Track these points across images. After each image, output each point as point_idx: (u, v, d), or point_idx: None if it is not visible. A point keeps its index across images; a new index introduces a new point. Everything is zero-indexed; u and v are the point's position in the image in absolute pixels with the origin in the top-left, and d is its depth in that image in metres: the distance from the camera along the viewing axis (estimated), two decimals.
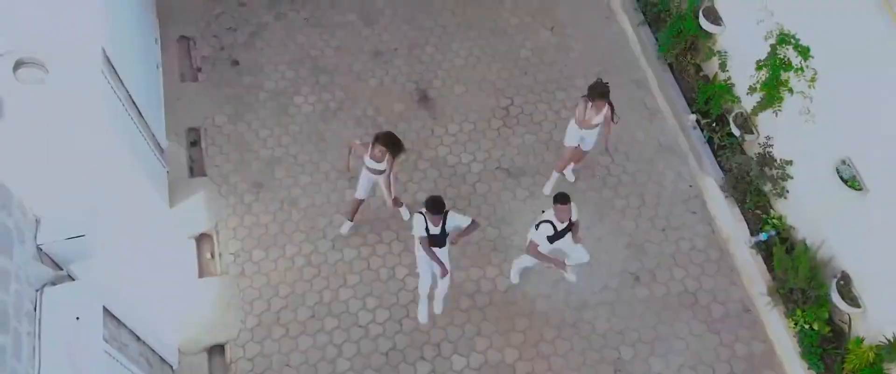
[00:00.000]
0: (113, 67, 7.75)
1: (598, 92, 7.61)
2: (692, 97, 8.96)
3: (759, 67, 7.87)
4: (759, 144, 8.17)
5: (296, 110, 9.32)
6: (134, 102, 8.23)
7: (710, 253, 8.45)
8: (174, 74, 9.52)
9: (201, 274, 8.29)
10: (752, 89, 8.05)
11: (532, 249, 7.26)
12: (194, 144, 9.12)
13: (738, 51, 8.36)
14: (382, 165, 7.63)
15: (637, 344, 7.92)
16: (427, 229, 7.08)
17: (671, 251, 8.45)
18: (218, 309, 8.00)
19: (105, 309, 6.16)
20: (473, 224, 7.18)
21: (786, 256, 7.66)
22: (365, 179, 7.87)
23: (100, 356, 5.52)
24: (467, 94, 9.51)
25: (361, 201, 8.15)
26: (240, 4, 10.10)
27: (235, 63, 9.63)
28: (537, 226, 7.15)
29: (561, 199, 7.02)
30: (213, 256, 8.39)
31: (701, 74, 9.07)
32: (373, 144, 7.49)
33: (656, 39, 9.31)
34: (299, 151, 9.02)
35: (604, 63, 9.77)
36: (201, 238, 8.52)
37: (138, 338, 6.91)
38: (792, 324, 7.63)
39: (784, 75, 7.61)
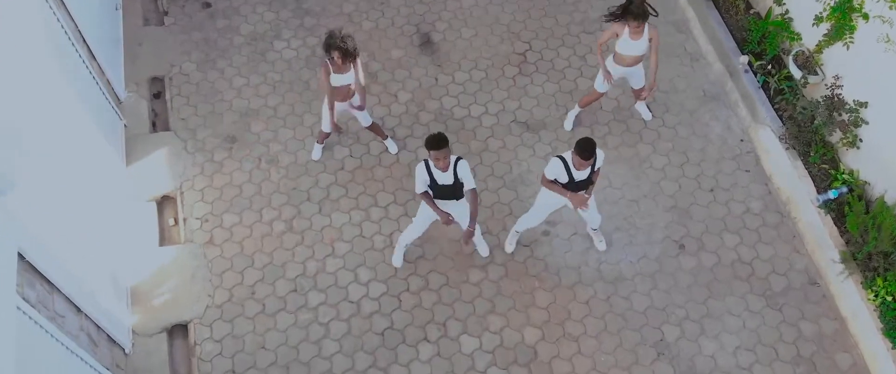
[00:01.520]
0: None
1: (635, 10, 6.31)
2: (742, 38, 7.65)
3: None
4: (825, 85, 6.85)
5: (276, 56, 8.01)
6: (84, 40, 6.96)
7: (768, 217, 7.12)
8: (137, 16, 8.23)
9: (162, 242, 7.00)
10: (817, 20, 6.74)
11: (544, 180, 5.98)
12: (158, 96, 7.82)
13: None
14: (351, 73, 6.41)
15: (684, 323, 6.58)
16: (433, 181, 5.79)
17: (721, 215, 7.12)
18: (181, 283, 6.68)
19: (32, 267, 4.92)
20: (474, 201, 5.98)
21: (864, 214, 6.34)
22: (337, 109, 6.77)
23: (8, 312, 4.22)
24: (477, 38, 8.20)
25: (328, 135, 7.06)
26: None
27: (207, 5, 8.34)
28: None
29: (581, 149, 5.61)
30: (176, 221, 7.09)
31: (751, 11, 7.77)
32: (328, 58, 6.30)
33: None
34: (280, 101, 7.72)
35: None
36: (163, 201, 7.23)
37: (80, 310, 5.61)
38: (871, 296, 6.29)
39: None
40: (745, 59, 7.43)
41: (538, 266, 6.84)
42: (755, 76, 7.36)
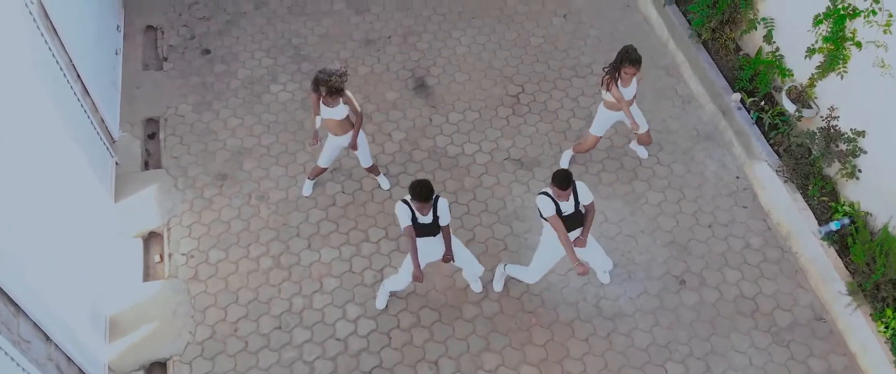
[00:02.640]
0: (51, 23, 6.61)
1: (634, 55, 6.35)
2: (733, 77, 7.67)
3: (817, 22, 6.61)
4: (821, 118, 6.81)
5: (272, 98, 8.05)
6: (80, 77, 7.02)
7: (769, 252, 6.91)
8: (137, 61, 8.33)
9: (146, 278, 6.80)
10: (810, 52, 6.76)
11: (551, 220, 5.66)
12: (152, 136, 7.81)
13: (787, 14, 7.15)
14: (341, 108, 6.38)
15: (688, 360, 6.27)
16: (414, 218, 5.66)
17: (721, 251, 6.92)
18: (162, 318, 6.44)
19: None
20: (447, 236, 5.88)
21: (870, 241, 6.14)
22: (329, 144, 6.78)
23: None
24: (470, 82, 8.25)
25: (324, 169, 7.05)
26: None
27: (206, 52, 8.45)
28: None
29: (558, 179, 5.49)
30: (162, 258, 6.91)
31: (740, 52, 7.82)
32: (317, 94, 6.31)
33: (686, 18, 8.13)
34: (273, 141, 7.68)
35: None
36: (151, 238, 7.08)
37: (49, 339, 5.38)
38: (881, 328, 6.01)
39: (850, 26, 6.36)
40: (737, 96, 7.42)
41: (534, 302, 6.60)
42: (748, 113, 7.33)
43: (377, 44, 8.58)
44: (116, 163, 7.38)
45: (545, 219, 5.67)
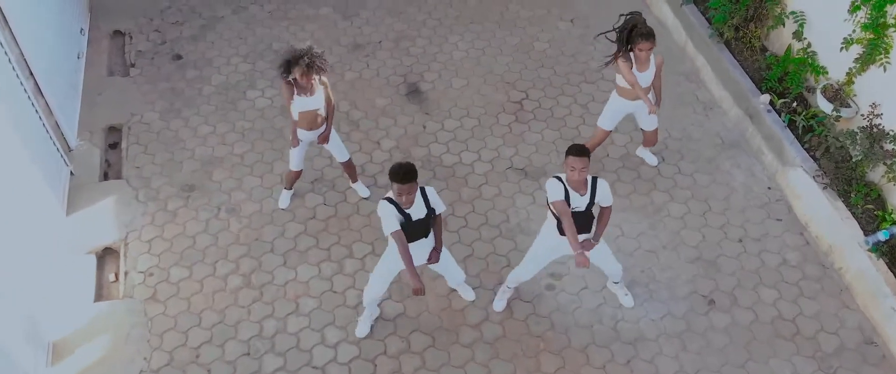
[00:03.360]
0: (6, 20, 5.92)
1: (644, 29, 5.63)
2: (759, 78, 6.94)
3: (855, 7, 5.92)
4: (861, 116, 6.05)
5: (248, 105, 7.30)
6: (32, 75, 6.29)
7: (808, 269, 6.07)
8: (101, 68, 7.62)
9: (98, 298, 5.93)
10: (847, 43, 6.05)
11: (555, 204, 4.84)
12: (114, 146, 7.03)
13: (819, 4, 6.45)
14: (319, 96, 5.68)
15: None
16: (403, 216, 4.82)
17: (754, 267, 6.08)
18: (113, 342, 5.55)
19: None
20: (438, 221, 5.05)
21: None
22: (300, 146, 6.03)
23: None
24: (468, 87, 7.52)
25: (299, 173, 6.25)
26: None
27: (178, 57, 7.74)
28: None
29: (574, 149, 4.74)
30: (117, 277, 6.06)
31: (767, 52, 7.12)
32: (290, 83, 5.60)
33: (706, 18, 7.45)
34: (248, 149, 6.91)
35: None
36: (106, 255, 6.24)
37: None
38: None
39: (892, 11, 5.66)
40: (766, 98, 6.68)
41: (542, 325, 5.72)
42: (779, 115, 6.58)
43: (366, 49, 7.88)
44: (71, 173, 6.59)
45: (549, 205, 4.86)
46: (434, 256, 5.12)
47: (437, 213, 4.96)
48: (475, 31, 8.10)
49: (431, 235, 5.03)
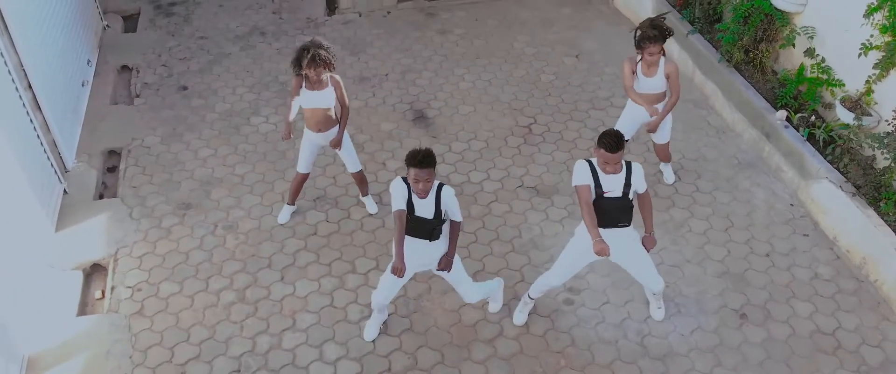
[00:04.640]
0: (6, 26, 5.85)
1: (649, 32, 5.48)
2: (772, 97, 6.73)
3: (872, 10, 5.80)
4: (886, 122, 5.81)
5: (251, 129, 7.11)
6: (31, 86, 6.16)
7: (842, 283, 5.66)
8: (105, 98, 7.50)
9: (81, 312, 5.52)
10: (865, 48, 5.89)
11: (579, 190, 4.52)
12: (112, 170, 6.80)
13: (831, 13, 6.34)
14: (328, 94, 5.50)
15: None
16: (410, 200, 4.55)
17: (785, 281, 5.67)
18: (93, 358, 5.11)
19: None
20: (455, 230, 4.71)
21: None
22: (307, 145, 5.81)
23: None
24: (475, 114, 7.34)
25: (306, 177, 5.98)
26: (200, 38, 8.40)
27: (184, 88, 7.64)
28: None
29: (606, 140, 4.38)
30: (104, 294, 5.67)
31: (777, 75, 6.97)
32: (300, 77, 5.44)
33: (713, 45, 7.35)
34: (249, 170, 6.66)
35: None
36: (94, 272, 5.87)
37: None
38: None
39: None
40: (782, 114, 6.47)
41: (563, 341, 5.26)
42: (798, 131, 6.35)
43: (372, 81, 7.78)
44: (65, 191, 6.33)
45: (575, 188, 4.54)
46: (444, 261, 4.77)
47: (448, 219, 4.65)
48: (481, 65, 8.02)
49: (439, 242, 4.69)
